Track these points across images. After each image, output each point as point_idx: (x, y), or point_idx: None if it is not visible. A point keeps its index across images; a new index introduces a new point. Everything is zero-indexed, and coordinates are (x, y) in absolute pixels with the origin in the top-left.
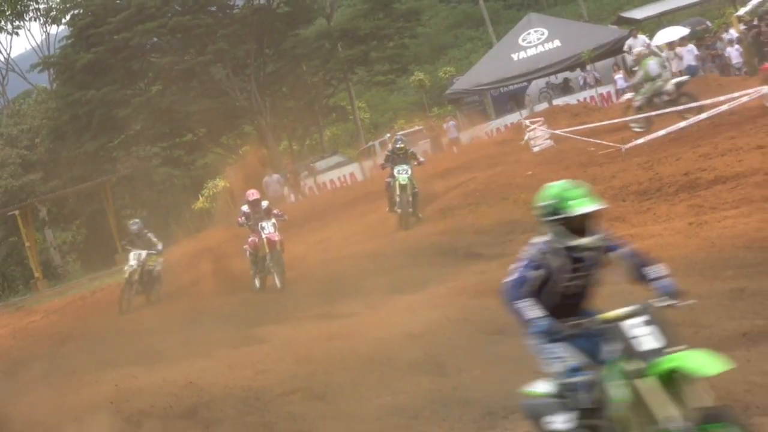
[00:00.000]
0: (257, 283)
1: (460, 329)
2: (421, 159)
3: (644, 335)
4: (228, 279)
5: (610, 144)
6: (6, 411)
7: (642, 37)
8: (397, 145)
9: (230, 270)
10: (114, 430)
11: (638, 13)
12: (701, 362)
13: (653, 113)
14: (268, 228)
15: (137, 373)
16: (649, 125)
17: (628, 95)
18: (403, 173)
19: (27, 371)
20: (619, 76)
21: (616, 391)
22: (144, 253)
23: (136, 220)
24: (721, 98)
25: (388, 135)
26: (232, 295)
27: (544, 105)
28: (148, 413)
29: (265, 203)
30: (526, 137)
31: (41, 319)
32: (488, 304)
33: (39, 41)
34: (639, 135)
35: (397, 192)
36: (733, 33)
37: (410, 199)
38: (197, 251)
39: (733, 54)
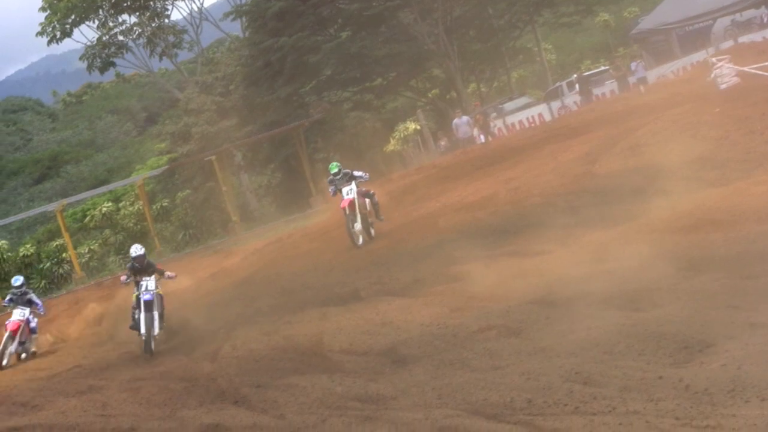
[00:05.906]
0: None
1: (652, 265)
2: None
3: None
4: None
5: None
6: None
7: None
8: (333, 171)
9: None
10: (319, 368)
11: None
12: None
13: None
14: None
15: (336, 312)
16: None
17: None
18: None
19: (227, 312)
20: None
21: None
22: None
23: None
24: None
25: (575, 75)
26: (425, 238)
27: (730, 43)
28: (347, 351)
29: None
30: (712, 75)
31: (240, 261)
32: (678, 240)
33: None
34: None
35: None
36: None
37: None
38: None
39: None
